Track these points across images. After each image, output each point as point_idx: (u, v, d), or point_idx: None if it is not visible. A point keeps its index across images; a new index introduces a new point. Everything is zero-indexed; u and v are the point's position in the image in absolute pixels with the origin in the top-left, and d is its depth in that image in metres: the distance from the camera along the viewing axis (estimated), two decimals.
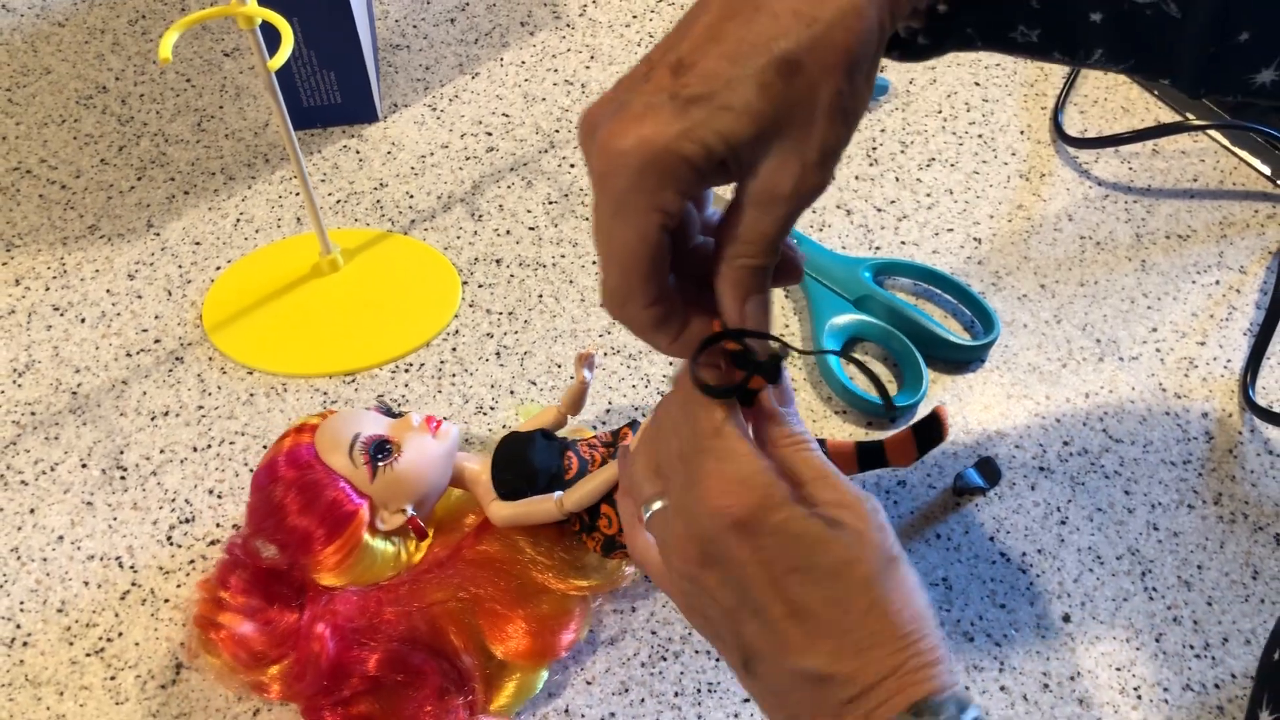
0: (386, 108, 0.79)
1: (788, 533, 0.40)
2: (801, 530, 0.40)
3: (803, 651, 0.41)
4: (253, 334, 0.66)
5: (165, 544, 0.59)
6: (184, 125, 0.78)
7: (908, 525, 0.60)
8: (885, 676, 0.40)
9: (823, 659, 0.41)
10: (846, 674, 0.41)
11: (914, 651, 0.40)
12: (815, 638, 0.41)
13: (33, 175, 0.75)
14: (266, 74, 0.58)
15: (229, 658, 0.52)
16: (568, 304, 0.69)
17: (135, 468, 0.61)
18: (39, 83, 0.80)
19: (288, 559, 0.52)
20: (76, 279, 0.70)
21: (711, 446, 0.41)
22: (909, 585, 0.41)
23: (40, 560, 0.58)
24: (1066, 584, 0.58)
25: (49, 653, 0.55)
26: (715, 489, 0.41)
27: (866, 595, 0.40)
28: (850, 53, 0.37)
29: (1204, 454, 0.62)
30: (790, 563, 0.41)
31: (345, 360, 0.66)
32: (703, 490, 0.41)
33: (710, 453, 0.41)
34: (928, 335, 0.65)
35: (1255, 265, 0.71)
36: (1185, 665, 0.55)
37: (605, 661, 0.55)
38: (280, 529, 0.51)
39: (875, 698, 0.40)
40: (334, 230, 0.72)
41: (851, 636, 0.41)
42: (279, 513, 0.51)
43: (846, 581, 0.40)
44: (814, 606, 0.41)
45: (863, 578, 0.40)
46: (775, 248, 0.40)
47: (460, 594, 0.53)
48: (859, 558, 0.40)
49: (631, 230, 0.38)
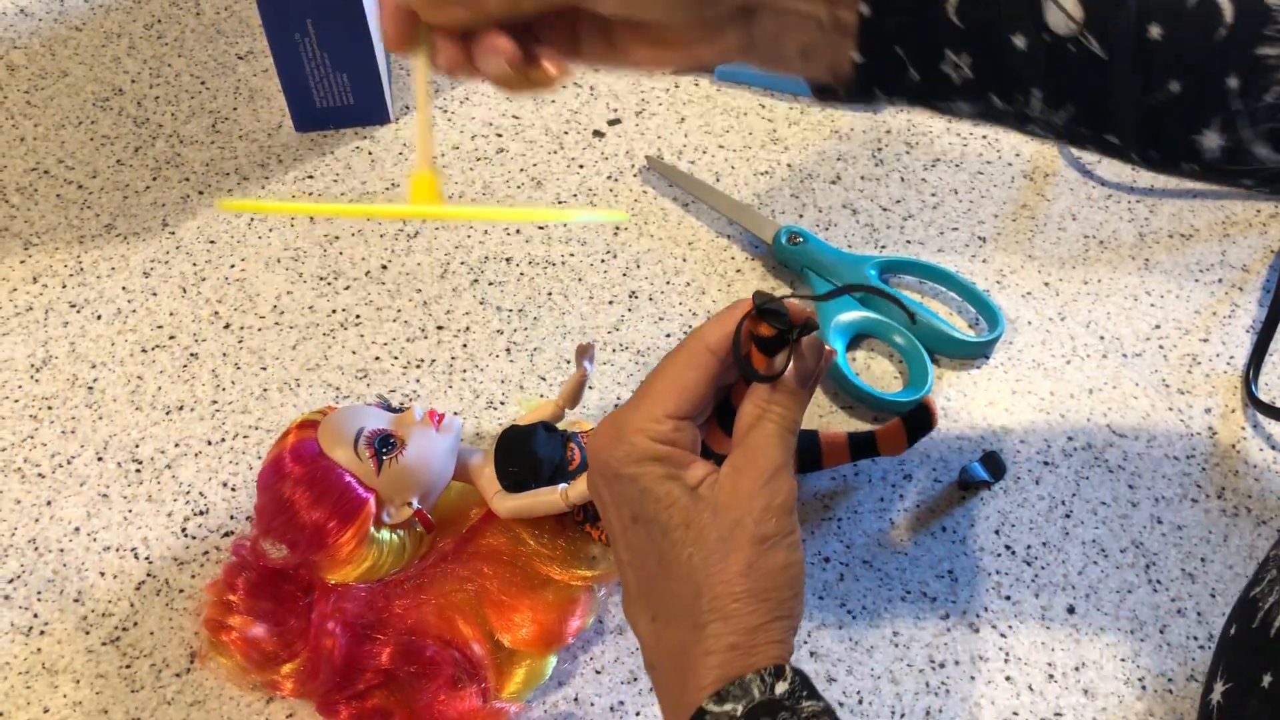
0: (399, 109, 0.80)
1: (638, 485, 0.43)
2: (649, 486, 0.43)
3: (633, 601, 0.45)
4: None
5: (180, 535, 0.59)
6: (198, 127, 0.79)
7: (913, 519, 0.60)
8: (679, 654, 0.42)
9: (643, 618, 0.44)
10: (651, 644, 0.44)
11: (712, 632, 0.41)
12: (644, 591, 0.44)
13: (50, 175, 0.76)
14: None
15: (241, 659, 0.53)
16: (576, 301, 0.70)
17: (150, 461, 0.62)
18: (57, 85, 0.82)
19: (299, 556, 0.52)
20: (93, 276, 0.71)
21: (635, 398, 0.45)
22: (758, 565, 0.42)
23: (58, 551, 0.59)
24: (1071, 576, 0.58)
25: (66, 641, 0.56)
26: (601, 432, 0.45)
27: (689, 564, 0.42)
28: None
29: (1207, 449, 0.63)
30: (635, 511, 0.44)
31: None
32: (596, 431, 0.46)
33: (629, 403, 0.45)
34: (933, 332, 0.66)
35: (1258, 264, 0.71)
36: (1189, 657, 0.56)
37: (614, 650, 0.55)
38: (291, 526, 0.52)
39: (672, 676, 0.42)
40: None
41: (668, 600, 0.43)
42: (289, 509, 0.52)
43: (677, 546, 0.42)
44: (648, 560, 0.43)
45: (693, 543, 0.42)
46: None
47: (467, 585, 0.54)
48: (699, 524, 0.42)
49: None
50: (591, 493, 0.47)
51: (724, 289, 0.70)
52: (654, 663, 0.44)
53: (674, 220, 0.74)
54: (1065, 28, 0.41)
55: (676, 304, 0.69)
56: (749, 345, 0.45)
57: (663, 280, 0.71)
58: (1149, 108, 0.42)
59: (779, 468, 0.43)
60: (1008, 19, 0.41)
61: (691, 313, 0.69)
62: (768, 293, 0.45)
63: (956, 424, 0.64)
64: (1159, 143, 0.44)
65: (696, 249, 0.72)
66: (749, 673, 0.40)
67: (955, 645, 0.56)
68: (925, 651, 0.56)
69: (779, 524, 0.42)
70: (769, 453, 0.43)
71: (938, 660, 0.55)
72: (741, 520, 0.42)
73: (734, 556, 0.41)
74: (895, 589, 0.58)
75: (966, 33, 0.42)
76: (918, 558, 0.59)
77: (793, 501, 0.43)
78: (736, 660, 0.41)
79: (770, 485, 0.42)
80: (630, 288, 0.70)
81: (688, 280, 0.71)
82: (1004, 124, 0.45)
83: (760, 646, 0.41)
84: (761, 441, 0.43)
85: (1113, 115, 0.43)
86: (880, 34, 0.42)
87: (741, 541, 0.42)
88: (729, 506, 0.42)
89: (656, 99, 0.81)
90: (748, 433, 0.44)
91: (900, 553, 0.59)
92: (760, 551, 0.42)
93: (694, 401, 0.45)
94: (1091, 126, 0.44)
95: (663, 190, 0.75)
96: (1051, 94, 0.43)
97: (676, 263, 0.71)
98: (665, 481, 0.43)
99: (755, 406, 0.44)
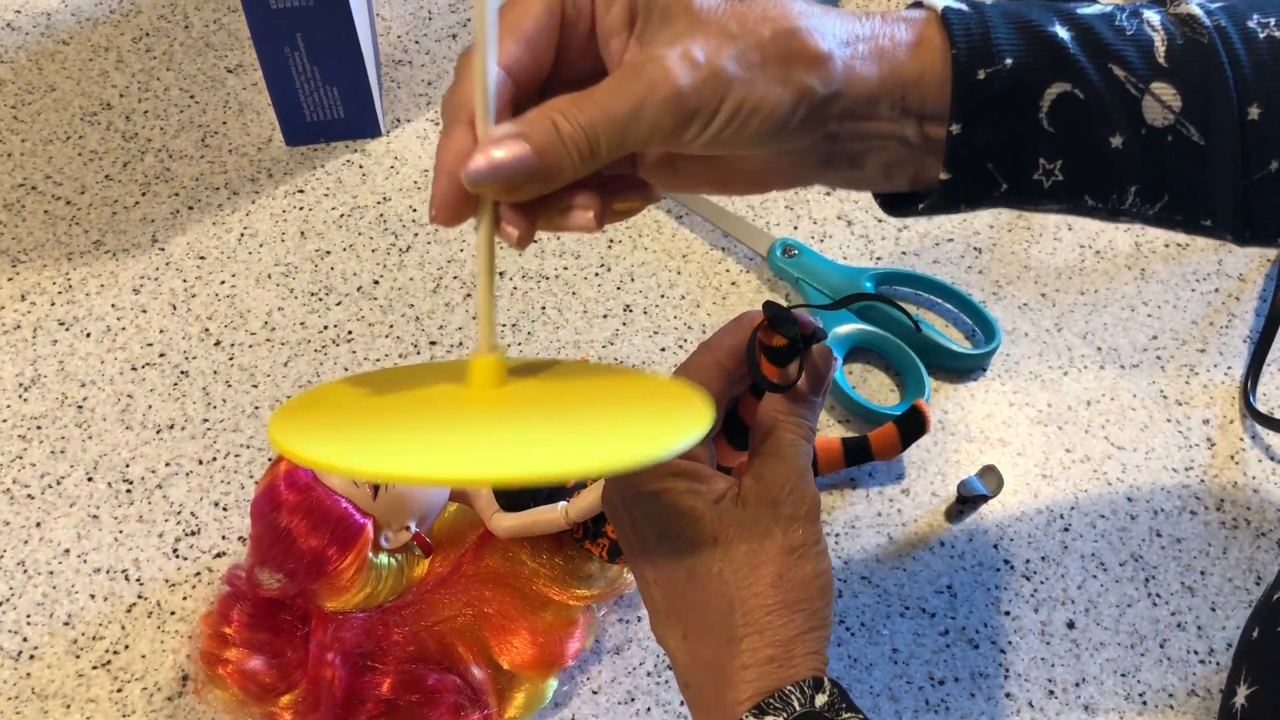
0: (389, 122, 0.80)
1: (660, 502, 0.42)
2: (674, 502, 0.42)
3: (662, 620, 0.44)
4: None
5: (171, 556, 0.59)
6: (188, 141, 0.78)
7: (911, 534, 0.60)
8: (714, 670, 0.41)
9: (674, 636, 0.43)
10: (686, 661, 0.43)
11: (748, 646, 0.41)
12: (674, 609, 0.43)
13: (38, 191, 0.75)
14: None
15: (238, 692, 0.52)
16: (571, 315, 0.69)
17: (141, 481, 0.62)
18: (44, 100, 0.81)
19: (298, 585, 0.52)
20: (82, 294, 0.70)
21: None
22: (789, 576, 0.41)
23: (47, 574, 0.58)
24: (1070, 590, 0.58)
25: (56, 665, 0.55)
26: None
27: (719, 578, 0.41)
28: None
29: (1205, 460, 0.63)
30: (660, 528, 0.43)
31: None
32: None
33: None
34: (930, 345, 0.65)
35: (1254, 273, 0.71)
36: (1190, 671, 0.55)
37: (611, 671, 0.55)
38: (289, 554, 0.51)
39: (709, 693, 0.41)
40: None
41: (700, 616, 0.42)
42: (286, 538, 0.51)
43: (707, 561, 0.42)
44: (676, 576, 0.43)
45: (722, 557, 0.41)
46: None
47: (466, 609, 0.53)
48: (727, 538, 0.42)
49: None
50: (610, 514, 0.46)
51: (719, 302, 0.70)
52: (689, 681, 0.43)
53: (668, 233, 0.73)
54: (1163, 119, 0.40)
55: (671, 318, 0.69)
56: (759, 356, 0.45)
57: (657, 294, 0.70)
58: (1246, 188, 0.42)
59: (801, 475, 0.43)
60: (1102, 119, 0.40)
61: (686, 326, 0.68)
62: (777, 303, 0.45)
63: (954, 437, 0.63)
64: (1255, 221, 0.43)
65: (691, 262, 0.72)
66: (787, 685, 0.40)
67: (955, 662, 0.55)
68: (925, 668, 0.55)
69: (806, 533, 0.42)
70: (790, 462, 0.43)
71: (937, 677, 0.55)
72: (769, 531, 0.41)
73: (764, 569, 0.41)
74: (894, 605, 0.57)
75: (1060, 138, 0.41)
76: (916, 573, 0.58)
77: (818, 509, 0.43)
78: (774, 673, 0.40)
79: (794, 494, 0.42)
80: (625, 301, 0.70)
81: (682, 293, 0.70)
82: (1094, 217, 0.44)
83: (797, 658, 0.41)
84: (780, 451, 0.43)
85: (1209, 200, 0.42)
86: (970, 149, 0.40)
87: (771, 553, 0.41)
88: (755, 519, 0.42)
89: None
90: (765, 443, 0.44)
91: (899, 568, 0.59)
92: (790, 562, 0.41)
93: None
94: (1186, 212, 0.43)
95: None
96: (1148, 187, 0.42)
97: (671, 276, 0.71)
98: (689, 496, 0.42)
99: (770, 417, 0.44)
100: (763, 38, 0.36)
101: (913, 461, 0.62)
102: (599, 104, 0.35)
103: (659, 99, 0.35)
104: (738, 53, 0.36)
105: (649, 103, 0.35)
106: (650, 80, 0.35)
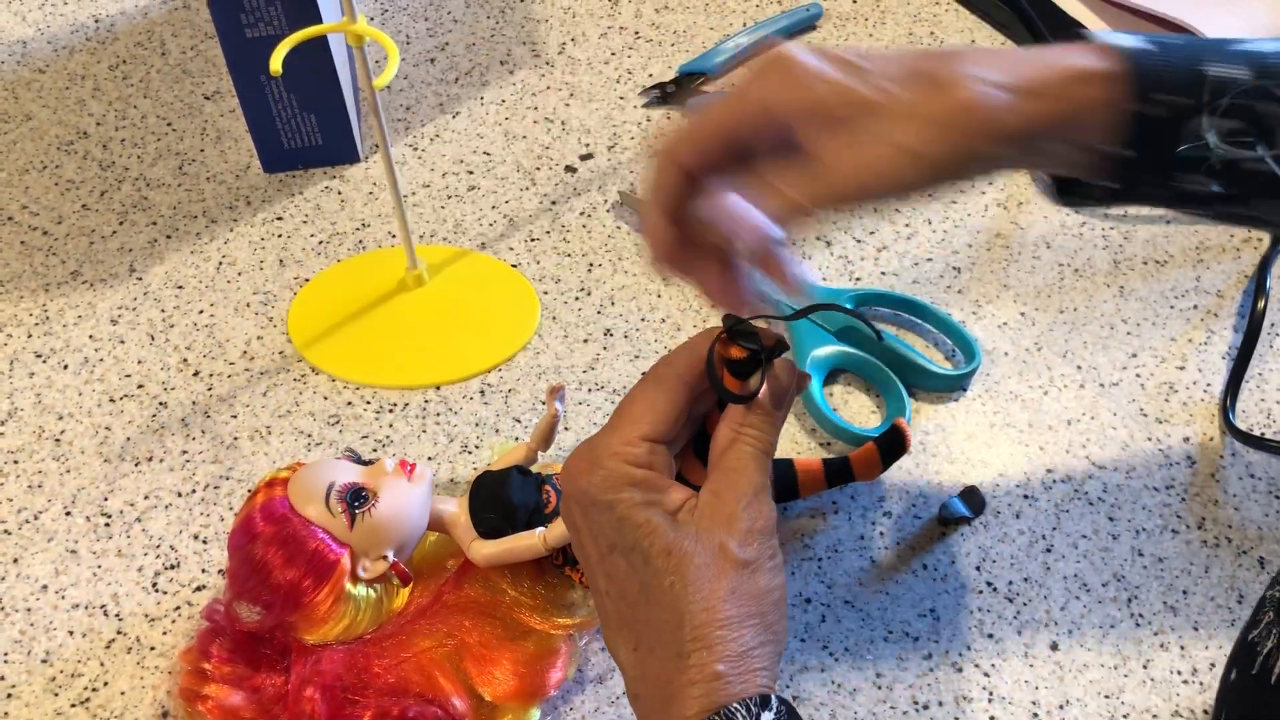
0: (368, 148, 0.80)
1: (615, 513, 0.43)
2: (627, 514, 0.43)
3: (614, 631, 0.44)
4: (340, 347, 0.68)
5: (151, 591, 0.58)
6: (165, 169, 0.78)
7: (893, 556, 0.60)
8: (662, 684, 0.41)
9: (624, 648, 0.43)
10: (635, 674, 0.43)
11: (696, 661, 0.41)
12: (625, 621, 0.43)
13: (14, 222, 0.75)
14: (371, 93, 0.60)
15: None
16: (551, 340, 0.69)
17: (120, 514, 0.61)
18: (20, 129, 0.81)
19: (274, 618, 0.51)
20: (59, 325, 0.70)
21: (607, 425, 0.45)
22: (741, 590, 0.42)
23: (24, 610, 0.58)
24: (1053, 612, 0.58)
25: (34, 704, 0.55)
26: (575, 459, 0.45)
27: (670, 592, 0.41)
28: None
29: (1186, 479, 0.63)
30: (612, 540, 0.43)
31: (432, 373, 0.67)
32: (572, 457, 0.45)
33: (601, 430, 0.45)
34: (909, 365, 0.65)
35: (1232, 289, 0.71)
36: (1174, 691, 0.55)
37: (594, 700, 0.55)
38: (265, 587, 0.51)
39: (656, 707, 0.42)
40: (418, 246, 0.72)
41: (649, 629, 0.42)
42: (262, 570, 0.51)
43: (659, 574, 0.42)
44: (628, 588, 0.43)
45: (674, 570, 0.42)
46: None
47: (447, 640, 0.53)
48: (680, 551, 0.42)
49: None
50: (566, 522, 0.46)
51: (700, 325, 0.69)
52: (637, 693, 0.43)
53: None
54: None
55: (652, 341, 0.69)
56: (721, 369, 0.45)
57: (638, 317, 0.70)
58: None
59: (758, 490, 0.43)
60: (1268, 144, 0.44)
61: (667, 349, 0.68)
62: (737, 316, 0.45)
63: (935, 458, 0.63)
64: None
65: (671, 285, 0.72)
66: (734, 702, 0.40)
67: (939, 686, 0.55)
68: (909, 693, 0.55)
69: (761, 547, 0.42)
70: (747, 475, 0.43)
71: (921, 701, 0.55)
72: (724, 545, 0.41)
73: (717, 582, 0.41)
74: (877, 629, 0.57)
75: (1225, 165, 0.44)
76: (899, 596, 0.58)
77: (774, 524, 0.43)
78: (721, 690, 0.40)
79: (751, 508, 0.42)
80: (605, 325, 0.70)
81: (663, 317, 0.70)
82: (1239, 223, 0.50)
83: (745, 675, 0.41)
84: (739, 464, 0.43)
85: None
86: (1137, 172, 0.45)
87: (724, 567, 0.41)
88: (710, 531, 0.42)
89: (629, 133, 0.80)
90: (724, 456, 0.44)
91: (881, 592, 0.58)
92: (744, 576, 0.41)
93: (666, 424, 0.44)
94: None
95: (636, 225, 0.75)
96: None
97: (651, 299, 0.71)
98: (643, 509, 0.42)
99: (730, 429, 0.44)
100: (934, 112, 0.42)
101: (894, 483, 0.62)
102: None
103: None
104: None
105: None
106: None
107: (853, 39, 0.86)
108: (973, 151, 0.42)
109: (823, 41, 0.86)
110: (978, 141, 0.42)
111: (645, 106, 0.82)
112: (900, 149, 0.42)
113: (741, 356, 0.44)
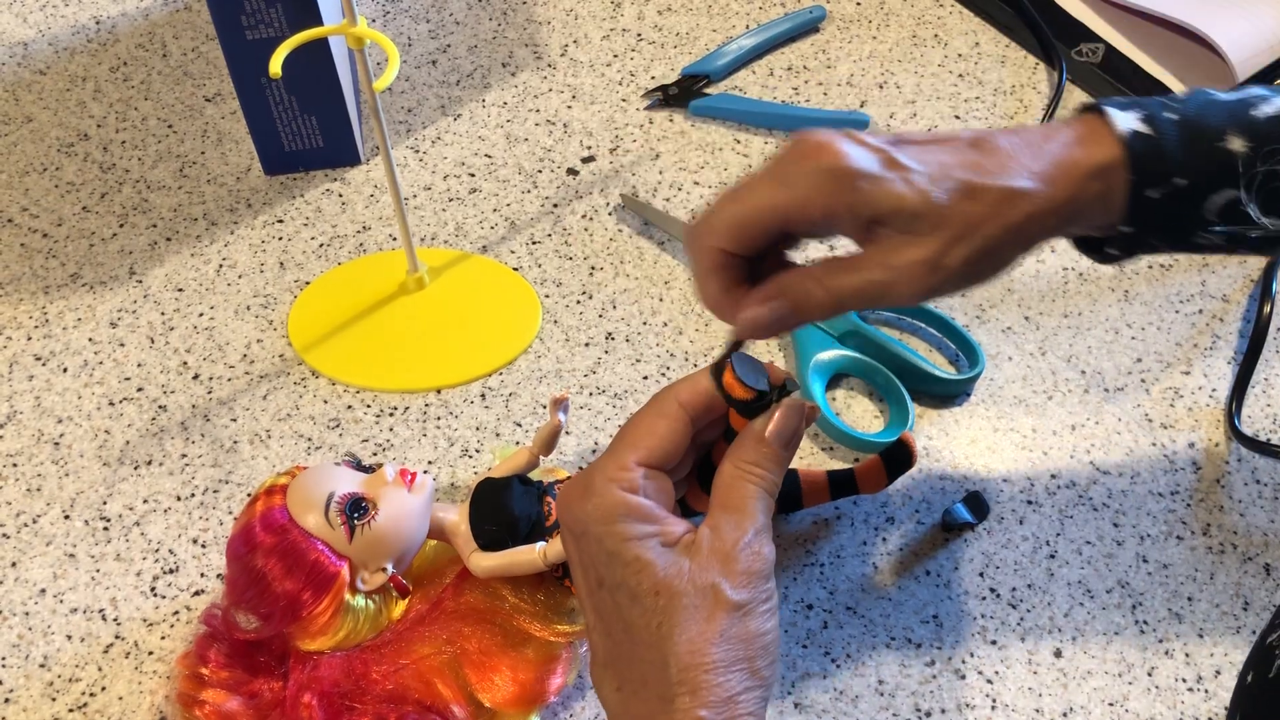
0: (369, 150, 0.79)
1: (604, 548, 0.42)
2: (617, 550, 0.42)
3: (601, 668, 0.44)
4: (341, 350, 0.68)
5: (149, 595, 0.58)
6: (166, 171, 0.78)
7: (896, 562, 0.59)
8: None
9: (609, 686, 0.43)
10: (618, 714, 0.42)
11: (680, 705, 0.40)
12: (611, 659, 0.43)
13: (14, 224, 0.75)
14: (372, 95, 0.60)
15: None
16: (552, 344, 0.69)
17: (118, 518, 0.61)
18: (20, 131, 0.80)
19: (272, 628, 0.51)
20: (58, 328, 0.69)
21: (605, 452, 0.45)
22: (731, 633, 0.41)
23: (22, 614, 0.57)
24: (1057, 618, 0.57)
25: (31, 709, 0.54)
26: (571, 486, 0.44)
27: (657, 633, 0.41)
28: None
29: (1191, 484, 0.62)
30: (600, 575, 0.42)
31: (432, 377, 0.67)
32: (567, 486, 0.45)
33: (599, 458, 0.45)
34: (913, 370, 0.65)
35: (1237, 293, 0.71)
36: (1178, 699, 0.55)
37: (594, 707, 0.54)
38: (264, 598, 0.50)
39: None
40: (419, 249, 0.73)
41: (635, 669, 0.42)
42: (261, 581, 0.50)
43: (646, 614, 0.41)
44: (614, 627, 0.42)
45: (663, 611, 0.41)
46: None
47: (446, 647, 0.52)
48: (670, 590, 0.41)
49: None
50: (564, 548, 0.46)
51: (701, 329, 0.69)
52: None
53: (650, 259, 0.73)
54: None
55: (654, 345, 0.68)
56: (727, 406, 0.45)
57: (639, 321, 0.70)
58: None
59: (758, 530, 0.42)
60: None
61: (669, 354, 0.68)
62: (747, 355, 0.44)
63: (938, 464, 0.63)
64: None
65: (673, 288, 0.71)
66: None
67: (941, 693, 0.55)
68: (911, 700, 0.55)
69: (755, 590, 0.41)
70: (749, 515, 0.42)
71: (924, 709, 0.54)
72: (716, 586, 0.41)
73: (706, 625, 0.40)
74: (880, 635, 0.57)
75: (1223, 225, 0.47)
76: (902, 602, 0.58)
77: (771, 567, 0.42)
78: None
79: (749, 549, 0.41)
80: (606, 329, 0.69)
81: (665, 320, 0.70)
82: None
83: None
84: (740, 503, 0.43)
85: None
86: (1138, 241, 0.48)
87: (715, 609, 0.40)
88: (704, 570, 0.41)
89: (630, 136, 0.80)
90: (726, 493, 0.43)
91: (884, 598, 0.58)
92: (734, 619, 0.40)
93: (665, 451, 0.44)
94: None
95: (638, 228, 0.74)
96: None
97: (653, 303, 0.71)
98: (635, 544, 0.42)
99: (734, 467, 0.44)
100: (976, 234, 0.44)
101: (897, 489, 0.62)
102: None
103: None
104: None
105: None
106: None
107: (855, 41, 0.86)
108: (1000, 255, 0.46)
109: (826, 44, 0.86)
110: (1004, 244, 0.45)
111: (648, 109, 0.82)
112: (927, 264, 0.43)
113: (748, 398, 0.44)
